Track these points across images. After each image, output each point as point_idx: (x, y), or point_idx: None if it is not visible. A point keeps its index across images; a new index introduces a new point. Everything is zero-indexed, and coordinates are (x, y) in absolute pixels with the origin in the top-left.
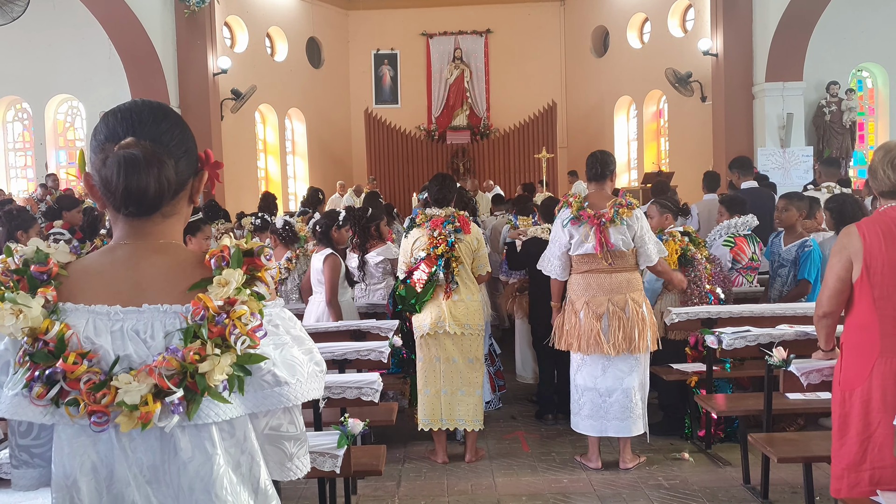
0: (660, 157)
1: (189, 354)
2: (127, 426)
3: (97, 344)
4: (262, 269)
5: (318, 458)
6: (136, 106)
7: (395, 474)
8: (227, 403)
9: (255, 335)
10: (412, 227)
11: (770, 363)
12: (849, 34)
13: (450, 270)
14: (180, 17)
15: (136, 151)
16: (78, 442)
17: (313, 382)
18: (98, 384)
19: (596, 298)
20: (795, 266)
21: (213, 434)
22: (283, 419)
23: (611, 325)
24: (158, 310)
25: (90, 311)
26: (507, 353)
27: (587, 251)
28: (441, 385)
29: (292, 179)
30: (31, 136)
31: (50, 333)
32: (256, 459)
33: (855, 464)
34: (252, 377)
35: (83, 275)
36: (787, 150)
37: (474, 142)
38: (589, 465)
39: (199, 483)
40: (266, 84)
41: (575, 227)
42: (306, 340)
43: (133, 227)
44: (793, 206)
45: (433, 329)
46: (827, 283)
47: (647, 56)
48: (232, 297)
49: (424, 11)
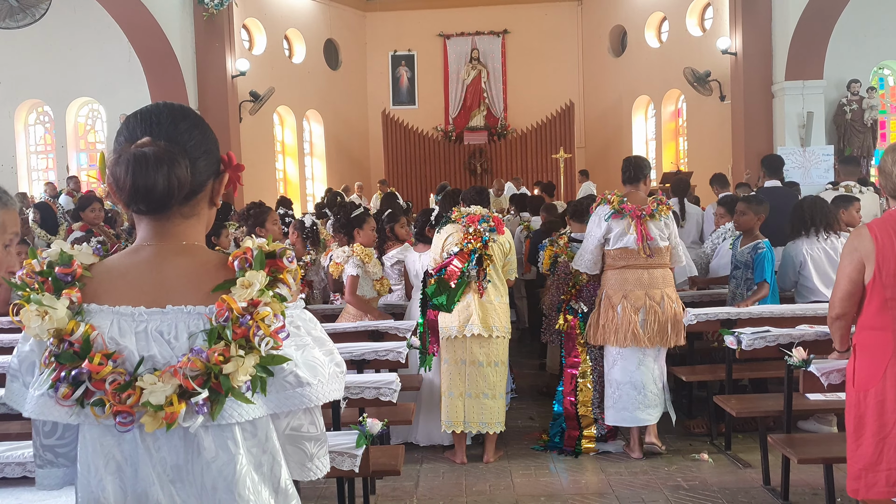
0: (678, 156)
1: (213, 356)
2: (152, 426)
3: (122, 345)
4: (284, 271)
5: (337, 457)
6: (157, 108)
7: (413, 474)
8: (250, 404)
9: (279, 336)
10: (446, 223)
11: (790, 364)
12: (869, 32)
13: (482, 268)
14: (199, 19)
15: (147, 149)
16: (103, 441)
17: (334, 383)
18: (123, 385)
19: (634, 293)
20: (749, 268)
21: (237, 434)
22: (304, 419)
23: (647, 319)
24: (182, 311)
25: (115, 313)
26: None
27: (627, 244)
28: (465, 388)
29: (310, 181)
30: (52, 138)
31: (75, 334)
32: (278, 459)
33: (872, 465)
34: (274, 378)
35: (107, 276)
36: (807, 150)
37: (491, 142)
38: (633, 455)
39: (222, 482)
40: (284, 86)
41: (616, 220)
42: (327, 342)
43: (155, 229)
44: (750, 211)
45: (460, 332)
46: (839, 285)
47: (666, 55)
48: (255, 298)
49: (441, 12)
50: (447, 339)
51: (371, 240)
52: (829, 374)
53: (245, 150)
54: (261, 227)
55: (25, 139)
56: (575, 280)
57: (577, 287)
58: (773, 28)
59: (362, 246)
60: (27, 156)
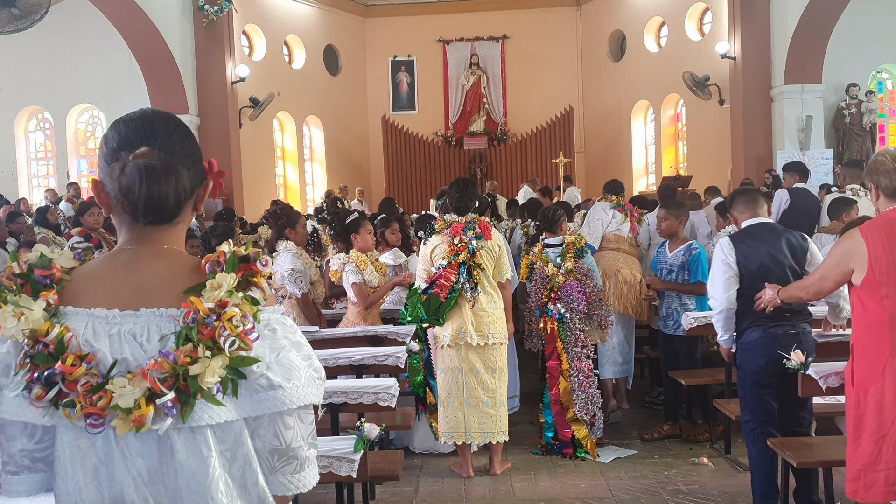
0: (678, 161)
1: (180, 357)
2: (123, 429)
3: (95, 347)
4: (258, 275)
5: (335, 462)
6: (148, 115)
7: (413, 479)
8: (221, 406)
9: (248, 338)
10: (431, 234)
11: (788, 366)
12: (868, 36)
13: (472, 278)
14: (199, 26)
15: (154, 161)
16: (79, 444)
17: (311, 388)
18: (94, 387)
19: (623, 270)
20: (685, 270)
21: (209, 437)
22: (280, 426)
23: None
24: (155, 313)
25: (90, 315)
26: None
27: (622, 233)
28: (464, 397)
29: (310, 186)
30: (52, 145)
31: (50, 336)
32: (252, 466)
33: (870, 465)
34: (247, 381)
35: (85, 279)
36: (806, 153)
37: (491, 147)
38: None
39: (195, 485)
40: (284, 92)
41: (619, 212)
42: (305, 346)
43: (138, 233)
44: (671, 216)
45: (454, 340)
46: (824, 286)
47: (665, 60)
48: (224, 299)
49: (441, 18)
50: (441, 348)
51: (369, 244)
52: (828, 377)
53: (245, 155)
54: (291, 228)
55: (26, 145)
56: (552, 283)
57: (554, 290)
58: (771, 32)
59: (359, 252)
60: (27, 162)
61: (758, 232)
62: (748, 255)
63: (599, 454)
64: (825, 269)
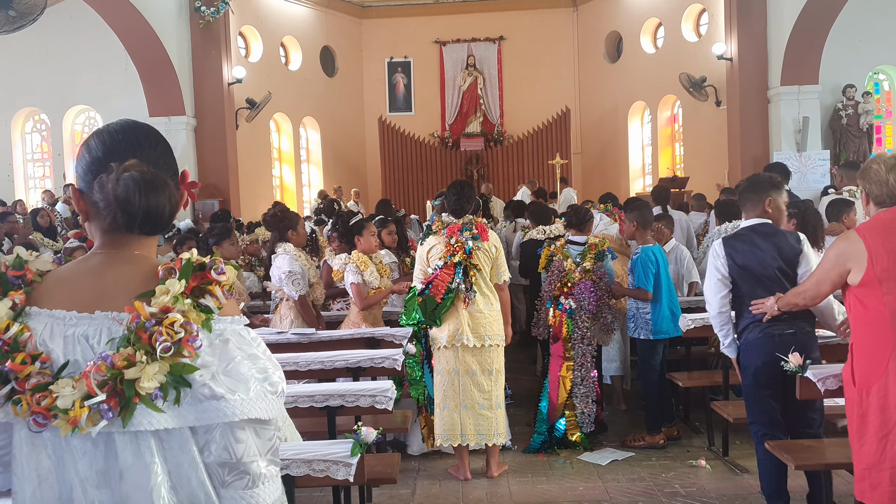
0: (674, 162)
1: (117, 360)
2: (65, 430)
3: (50, 347)
4: (213, 283)
5: (332, 466)
6: (132, 128)
7: (410, 482)
8: (160, 413)
9: (190, 345)
10: (428, 235)
11: (786, 369)
12: (865, 37)
13: (468, 279)
14: (195, 27)
15: (148, 174)
16: (34, 442)
17: (260, 402)
18: (40, 386)
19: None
20: (632, 273)
21: (152, 444)
22: (231, 439)
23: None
24: (107, 317)
25: (50, 316)
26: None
27: (610, 232)
28: (461, 399)
29: (307, 187)
30: (49, 146)
31: (8, 333)
32: (199, 477)
33: (875, 463)
34: (191, 389)
35: (54, 282)
36: (803, 154)
37: (488, 148)
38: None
39: (137, 491)
40: (280, 93)
41: (607, 216)
42: (261, 359)
43: (110, 239)
44: (629, 220)
45: (451, 342)
46: (821, 290)
47: (661, 61)
48: (167, 305)
49: (437, 19)
50: (438, 350)
51: (372, 245)
52: (826, 379)
53: (242, 157)
54: (293, 230)
55: (22, 147)
56: (567, 278)
57: (569, 285)
58: (768, 33)
59: (361, 253)
60: (24, 164)
61: (748, 234)
62: (736, 258)
63: (597, 456)
64: (821, 273)
